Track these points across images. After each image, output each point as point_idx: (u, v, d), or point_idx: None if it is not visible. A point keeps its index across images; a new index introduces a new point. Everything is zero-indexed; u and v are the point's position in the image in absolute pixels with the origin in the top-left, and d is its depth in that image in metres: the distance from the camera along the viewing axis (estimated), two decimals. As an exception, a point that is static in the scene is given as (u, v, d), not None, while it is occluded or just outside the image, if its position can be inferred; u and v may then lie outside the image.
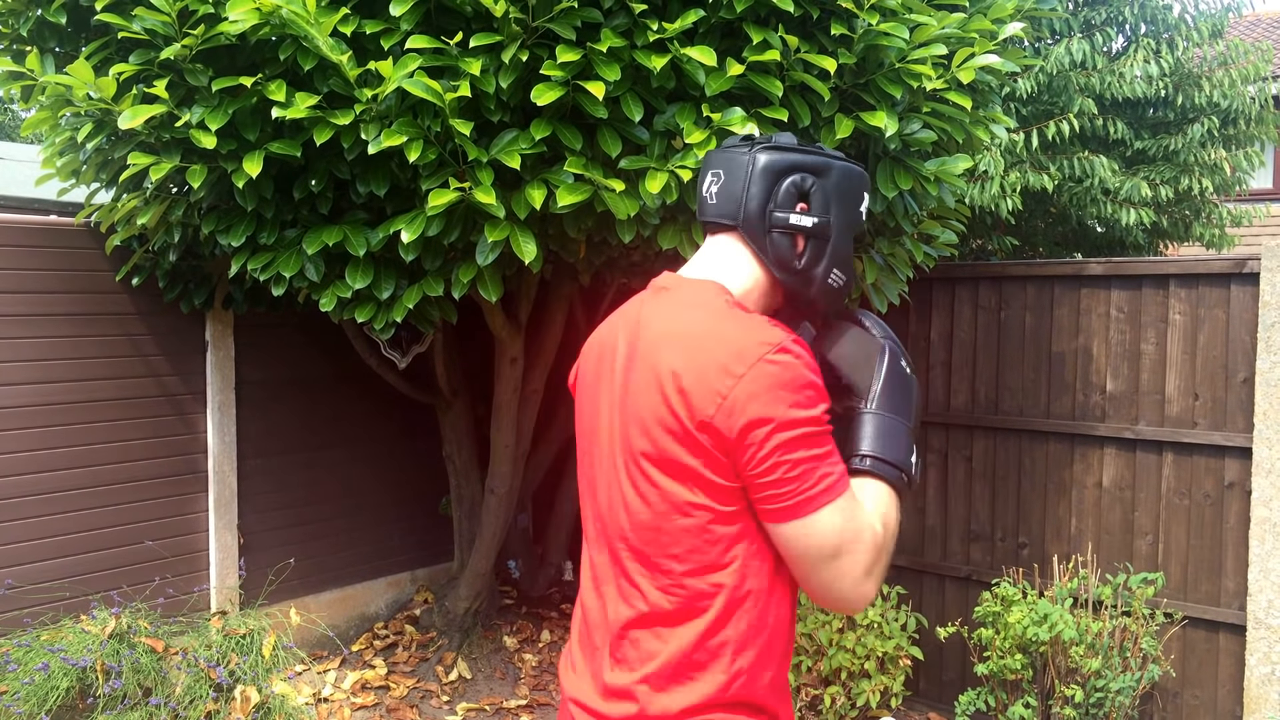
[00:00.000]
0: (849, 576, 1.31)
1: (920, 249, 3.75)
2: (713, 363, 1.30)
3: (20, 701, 3.32)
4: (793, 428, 1.27)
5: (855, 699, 3.81)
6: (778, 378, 1.28)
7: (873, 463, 1.38)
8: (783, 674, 1.43)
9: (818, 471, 1.29)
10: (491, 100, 2.79)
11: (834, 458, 1.32)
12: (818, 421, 1.29)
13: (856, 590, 1.32)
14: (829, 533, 1.29)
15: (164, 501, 4.22)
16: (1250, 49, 6.24)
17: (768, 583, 1.35)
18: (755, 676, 1.36)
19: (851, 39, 2.89)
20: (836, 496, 1.30)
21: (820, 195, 1.45)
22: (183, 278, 4.10)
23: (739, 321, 1.35)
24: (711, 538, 1.32)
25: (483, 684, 4.46)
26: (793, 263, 1.44)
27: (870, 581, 1.33)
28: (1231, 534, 3.70)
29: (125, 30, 2.79)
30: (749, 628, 1.35)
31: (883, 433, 1.40)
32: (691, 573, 1.34)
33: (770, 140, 1.46)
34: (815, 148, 1.48)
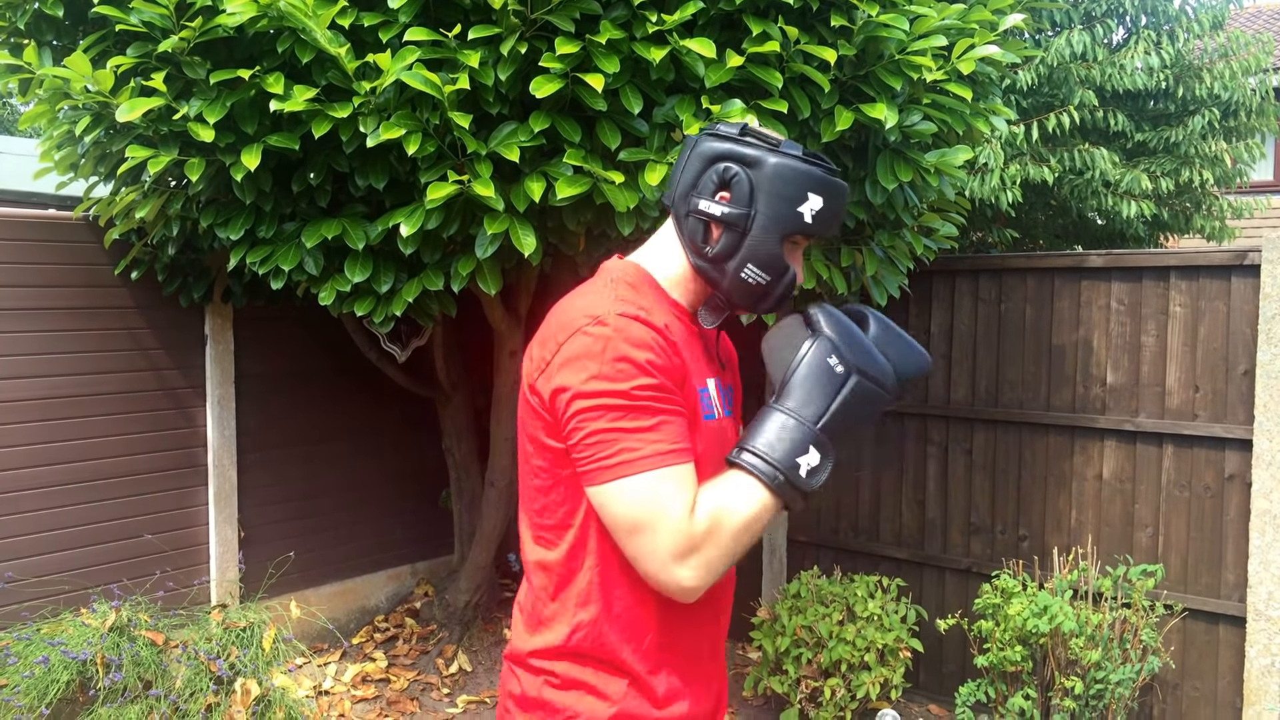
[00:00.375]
0: (652, 556, 1.29)
1: (920, 241, 3.74)
2: (548, 332, 1.38)
3: (20, 695, 3.32)
4: (591, 397, 1.29)
5: (855, 691, 3.81)
6: (587, 348, 1.31)
7: (746, 456, 1.32)
8: (671, 639, 1.42)
9: (618, 444, 1.29)
10: (490, 93, 2.79)
11: (649, 434, 1.29)
12: (626, 395, 1.29)
13: (664, 573, 1.29)
14: (622, 507, 1.29)
15: (164, 495, 4.22)
16: (1251, 41, 6.22)
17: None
18: (601, 632, 1.39)
19: (851, 30, 2.88)
20: (636, 472, 1.28)
21: (744, 187, 1.39)
22: (182, 271, 4.10)
23: (592, 295, 1.39)
24: (558, 497, 1.38)
25: (483, 676, 4.46)
26: (704, 249, 1.42)
27: (685, 569, 1.28)
28: (1232, 526, 3.70)
29: (123, 23, 2.78)
30: (590, 585, 1.39)
31: (769, 429, 1.32)
32: (549, 528, 1.42)
33: (716, 127, 1.45)
34: (770, 141, 1.41)
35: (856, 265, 3.54)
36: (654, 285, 1.46)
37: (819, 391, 1.32)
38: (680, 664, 1.44)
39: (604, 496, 1.30)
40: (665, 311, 1.42)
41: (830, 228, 1.43)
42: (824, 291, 3.69)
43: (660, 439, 1.29)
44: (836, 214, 1.42)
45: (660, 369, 1.32)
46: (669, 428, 1.31)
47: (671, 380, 1.33)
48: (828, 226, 1.41)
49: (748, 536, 1.31)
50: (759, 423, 1.34)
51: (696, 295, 1.48)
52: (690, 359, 1.41)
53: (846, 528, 4.62)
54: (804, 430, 1.31)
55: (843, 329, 1.36)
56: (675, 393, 1.34)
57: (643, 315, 1.34)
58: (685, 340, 1.42)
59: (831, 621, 3.90)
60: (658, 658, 1.42)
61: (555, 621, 1.41)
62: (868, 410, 1.33)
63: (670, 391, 1.33)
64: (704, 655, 1.48)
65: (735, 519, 1.29)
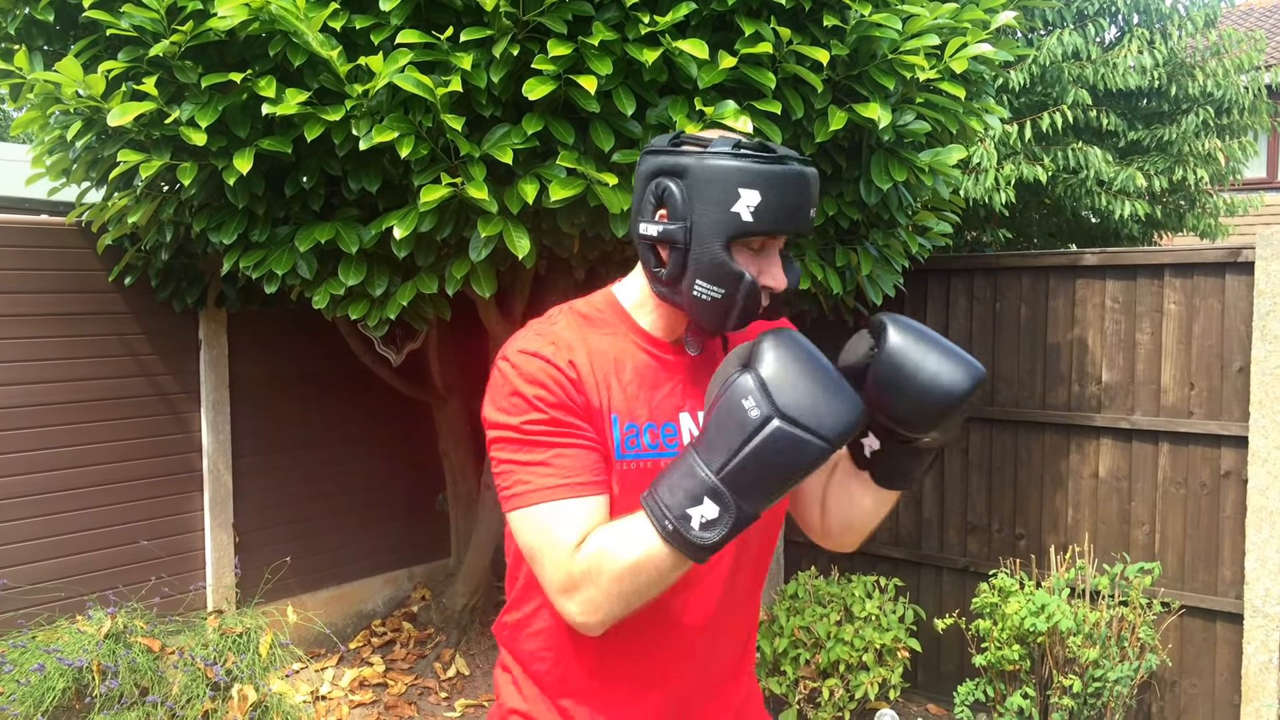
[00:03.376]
0: (545, 586, 1.29)
1: (915, 240, 3.74)
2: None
3: (16, 703, 3.31)
4: (493, 428, 1.33)
5: (854, 691, 3.81)
6: (494, 382, 1.35)
7: (646, 498, 1.22)
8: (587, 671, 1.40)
9: (514, 475, 1.30)
10: (483, 95, 2.78)
11: (540, 468, 1.28)
12: (518, 429, 1.29)
13: (558, 603, 1.27)
14: (521, 536, 1.31)
15: (159, 501, 4.20)
16: (1243, 38, 6.24)
17: None
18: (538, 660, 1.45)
19: (844, 30, 2.88)
20: (526, 505, 1.28)
21: (676, 200, 1.29)
22: (175, 276, 4.09)
23: (525, 329, 1.40)
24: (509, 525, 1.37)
25: (481, 680, 4.45)
26: (657, 274, 1.34)
27: (570, 604, 1.25)
28: (1228, 523, 3.70)
29: (114, 27, 2.77)
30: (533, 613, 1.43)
31: (673, 472, 1.21)
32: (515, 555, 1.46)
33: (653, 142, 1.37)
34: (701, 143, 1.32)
35: (851, 265, 3.54)
36: (621, 315, 1.40)
37: (724, 437, 1.17)
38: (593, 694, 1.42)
39: (510, 524, 1.34)
40: (611, 342, 1.37)
41: (790, 222, 1.29)
42: (819, 292, 3.69)
43: (552, 473, 1.28)
44: (787, 204, 1.28)
45: (551, 404, 1.29)
46: (564, 460, 1.28)
47: (570, 414, 1.30)
48: (781, 221, 1.28)
49: (638, 580, 1.21)
50: (673, 462, 1.23)
51: (670, 320, 1.40)
52: (637, 393, 1.35)
53: (843, 528, 4.61)
54: (700, 479, 1.17)
55: (787, 359, 1.19)
56: (574, 427, 1.30)
57: (544, 352, 1.31)
58: (638, 372, 1.36)
59: (829, 622, 3.89)
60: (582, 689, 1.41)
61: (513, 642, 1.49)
62: (789, 462, 1.14)
63: (565, 426, 1.29)
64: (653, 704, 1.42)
65: (618, 563, 1.21)
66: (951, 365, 1.24)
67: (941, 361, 1.24)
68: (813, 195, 1.31)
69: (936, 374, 1.23)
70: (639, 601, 1.25)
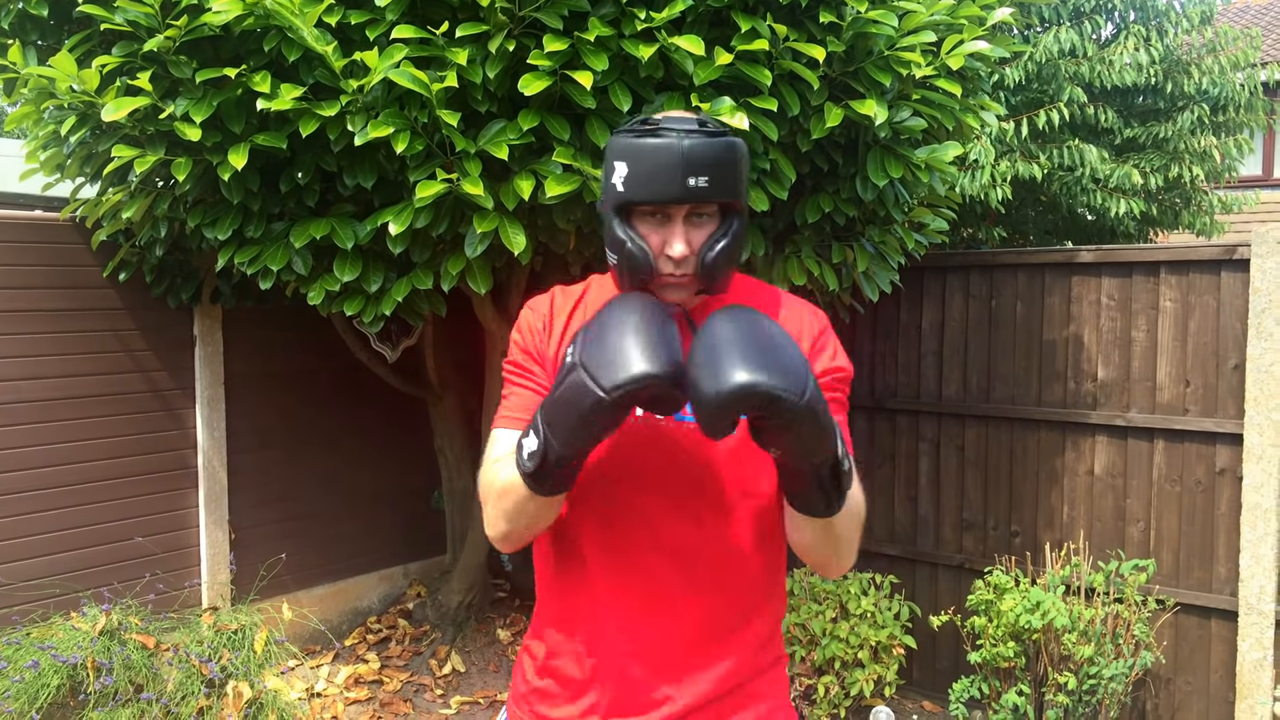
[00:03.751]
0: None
1: (911, 237, 3.74)
2: None
3: (10, 700, 3.30)
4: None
5: (849, 688, 3.81)
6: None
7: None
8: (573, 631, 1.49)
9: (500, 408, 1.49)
10: (479, 90, 2.77)
11: (504, 401, 1.47)
12: (505, 368, 1.50)
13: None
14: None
15: (154, 497, 4.20)
16: (1239, 35, 6.24)
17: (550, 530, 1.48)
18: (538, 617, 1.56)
19: (840, 27, 2.88)
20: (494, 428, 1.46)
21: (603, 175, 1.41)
22: (170, 272, 4.07)
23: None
24: None
25: (476, 677, 4.45)
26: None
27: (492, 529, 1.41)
28: (1223, 520, 3.71)
29: (108, 22, 2.76)
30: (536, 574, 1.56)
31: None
32: None
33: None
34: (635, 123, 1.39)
35: (847, 261, 3.54)
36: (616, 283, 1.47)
37: (557, 379, 1.26)
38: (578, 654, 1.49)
39: None
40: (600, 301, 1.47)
41: (658, 191, 1.32)
42: (815, 288, 3.69)
43: (505, 407, 1.46)
44: (655, 174, 1.32)
45: (521, 348, 1.48)
46: (513, 399, 1.46)
47: (529, 357, 1.47)
48: (649, 190, 1.32)
49: (507, 502, 1.34)
50: None
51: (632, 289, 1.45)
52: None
53: (839, 525, 4.61)
54: (536, 413, 1.28)
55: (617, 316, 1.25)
56: (528, 369, 1.46)
57: (532, 305, 1.51)
58: None
59: (825, 619, 3.89)
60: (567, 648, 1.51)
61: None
62: (574, 404, 1.20)
63: (521, 367, 1.47)
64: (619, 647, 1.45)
65: (496, 483, 1.36)
66: (726, 369, 1.16)
67: (723, 363, 1.17)
68: (690, 164, 1.31)
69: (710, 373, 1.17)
70: (525, 523, 1.36)
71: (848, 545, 1.38)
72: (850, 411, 1.68)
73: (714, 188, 1.33)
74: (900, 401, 4.43)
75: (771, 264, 3.46)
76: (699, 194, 1.32)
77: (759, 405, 1.14)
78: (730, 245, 1.37)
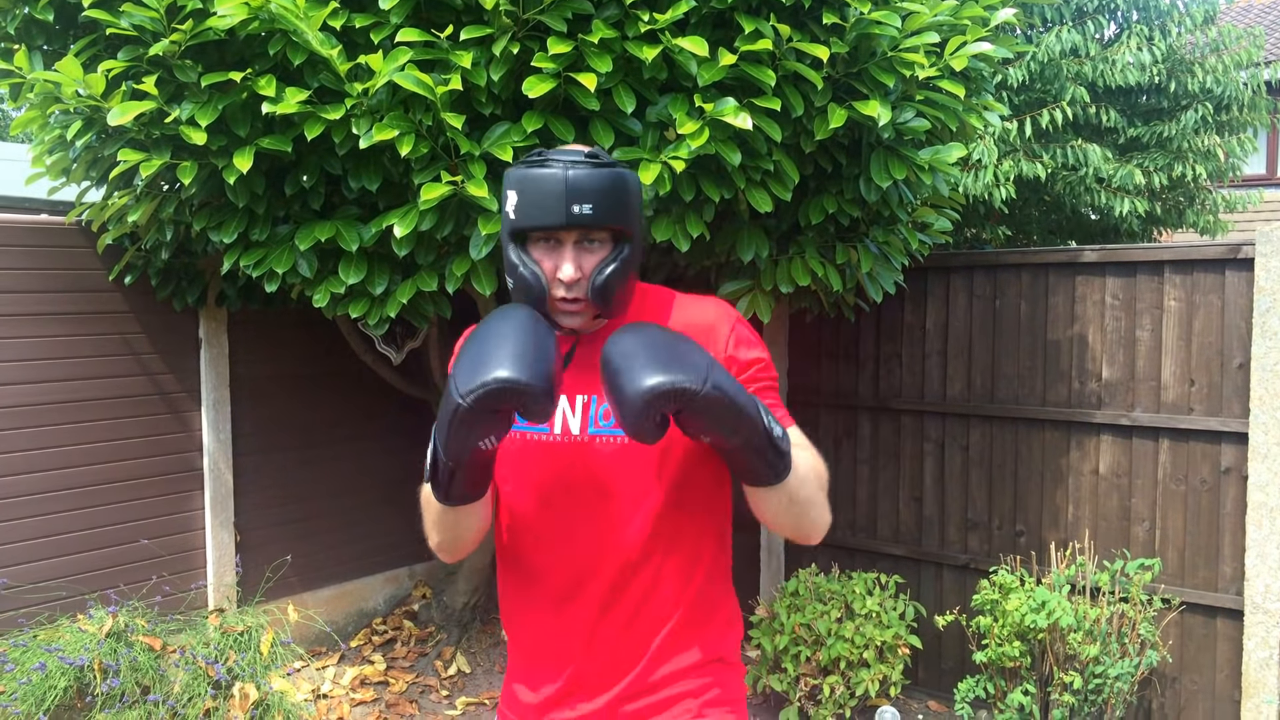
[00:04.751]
0: None
1: (915, 237, 3.74)
2: None
3: (18, 701, 3.31)
4: None
5: (854, 688, 3.81)
6: None
7: None
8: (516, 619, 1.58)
9: None
10: (483, 93, 2.78)
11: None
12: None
13: None
14: None
15: (160, 500, 4.21)
16: (1242, 34, 6.24)
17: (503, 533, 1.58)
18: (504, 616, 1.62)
19: (844, 27, 2.88)
20: None
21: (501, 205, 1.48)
22: (175, 275, 4.08)
23: None
24: None
25: (482, 678, 4.46)
26: None
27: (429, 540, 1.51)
28: (1228, 519, 3.71)
29: (113, 27, 2.77)
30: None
31: None
32: None
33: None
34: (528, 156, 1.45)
35: (851, 262, 3.54)
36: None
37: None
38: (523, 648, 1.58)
39: None
40: None
41: (541, 218, 1.39)
42: (819, 289, 3.69)
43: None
44: (541, 201, 1.39)
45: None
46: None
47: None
48: (536, 216, 1.39)
49: (429, 514, 1.45)
50: None
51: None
52: None
53: (844, 525, 4.62)
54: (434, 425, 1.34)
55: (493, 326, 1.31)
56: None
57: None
58: None
59: (830, 619, 3.90)
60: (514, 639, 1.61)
61: None
62: (445, 412, 1.26)
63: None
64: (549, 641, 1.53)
65: (423, 495, 1.43)
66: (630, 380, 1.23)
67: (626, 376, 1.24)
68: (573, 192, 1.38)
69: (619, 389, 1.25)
70: (449, 533, 1.45)
71: (812, 507, 1.42)
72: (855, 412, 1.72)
73: (598, 214, 1.39)
74: (905, 402, 4.43)
75: (775, 265, 3.46)
76: (582, 220, 1.38)
77: (673, 400, 1.22)
78: (619, 269, 1.43)
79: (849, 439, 4.60)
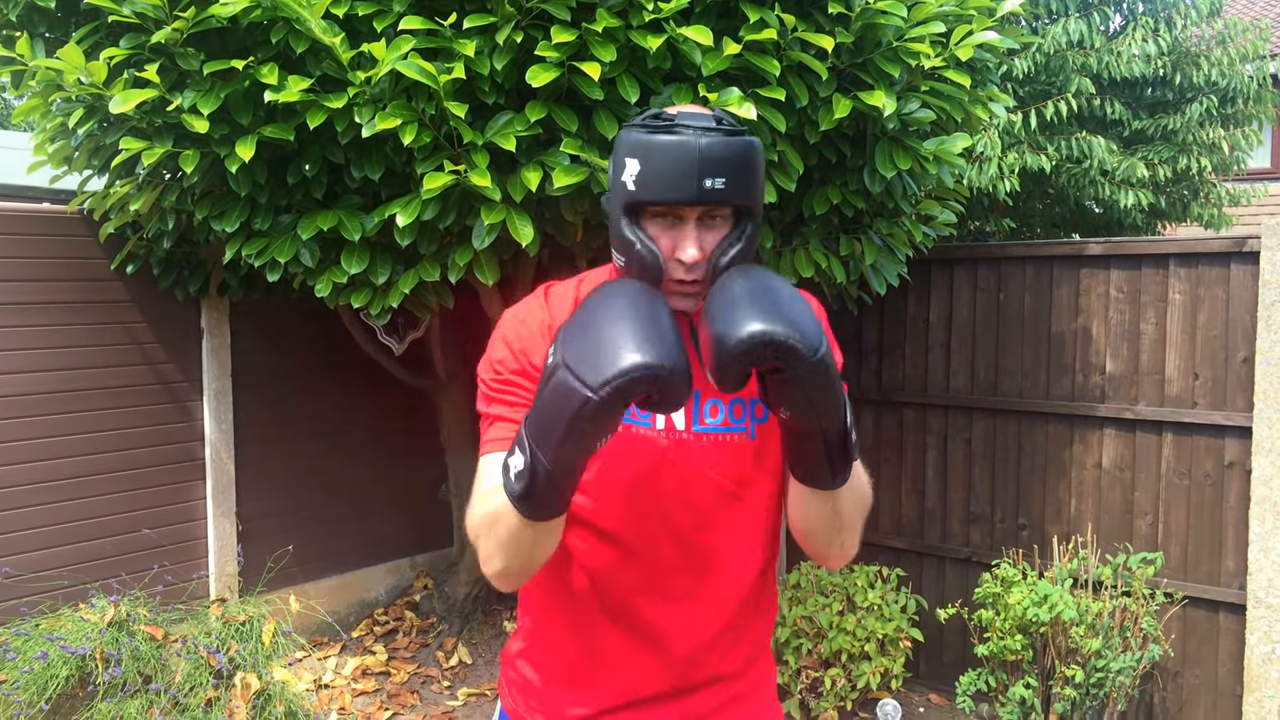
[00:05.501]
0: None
1: (919, 229, 3.73)
2: None
3: (20, 690, 3.31)
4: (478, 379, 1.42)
5: (855, 681, 3.81)
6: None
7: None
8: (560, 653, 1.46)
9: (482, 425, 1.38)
10: (486, 82, 2.77)
11: (489, 422, 1.36)
12: (482, 380, 1.39)
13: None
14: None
15: (161, 489, 4.20)
16: (1249, 27, 6.21)
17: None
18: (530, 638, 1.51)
19: (849, 17, 2.87)
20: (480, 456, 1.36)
21: (609, 173, 1.33)
22: (177, 264, 4.08)
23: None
24: None
25: (483, 669, 4.46)
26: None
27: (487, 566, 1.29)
28: (1231, 513, 3.70)
29: (115, 14, 2.76)
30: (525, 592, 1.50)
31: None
32: None
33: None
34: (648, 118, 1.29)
35: (855, 254, 3.53)
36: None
37: (539, 385, 1.14)
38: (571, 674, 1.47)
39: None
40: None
41: (670, 191, 1.23)
42: (823, 280, 3.68)
43: (494, 431, 1.35)
44: (666, 173, 1.23)
45: (509, 367, 1.35)
46: (502, 425, 1.34)
47: (522, 374, 1.34)
48: (662, 190, 1.23)
49: (499, 531, 1.22)
50: None
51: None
52: None
53: (846, 518, 4.61)
54: (520, 429, 1.16)
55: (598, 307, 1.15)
56: (521, 388, 1.34)
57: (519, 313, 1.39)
58: None
59: (832, 612, 3.89)
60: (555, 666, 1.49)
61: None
62: (561, 409, 1.09)
63: (512, 385, 1.35)
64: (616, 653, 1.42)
65: (485, 514, 1.25)
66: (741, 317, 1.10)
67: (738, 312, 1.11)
68: (706, 164, 1.23)
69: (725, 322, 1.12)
70: (523, 555, 1.24)
71: (850, 529, 1.32)
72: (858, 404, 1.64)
73: (730, 190, 1.24)
74: (908, 394, 4.42)
75: (779, 256, 3.45)
76: (715, 196, 1.23)
77: (775, 354, 1.09)
78: (744, 250, 1.28)
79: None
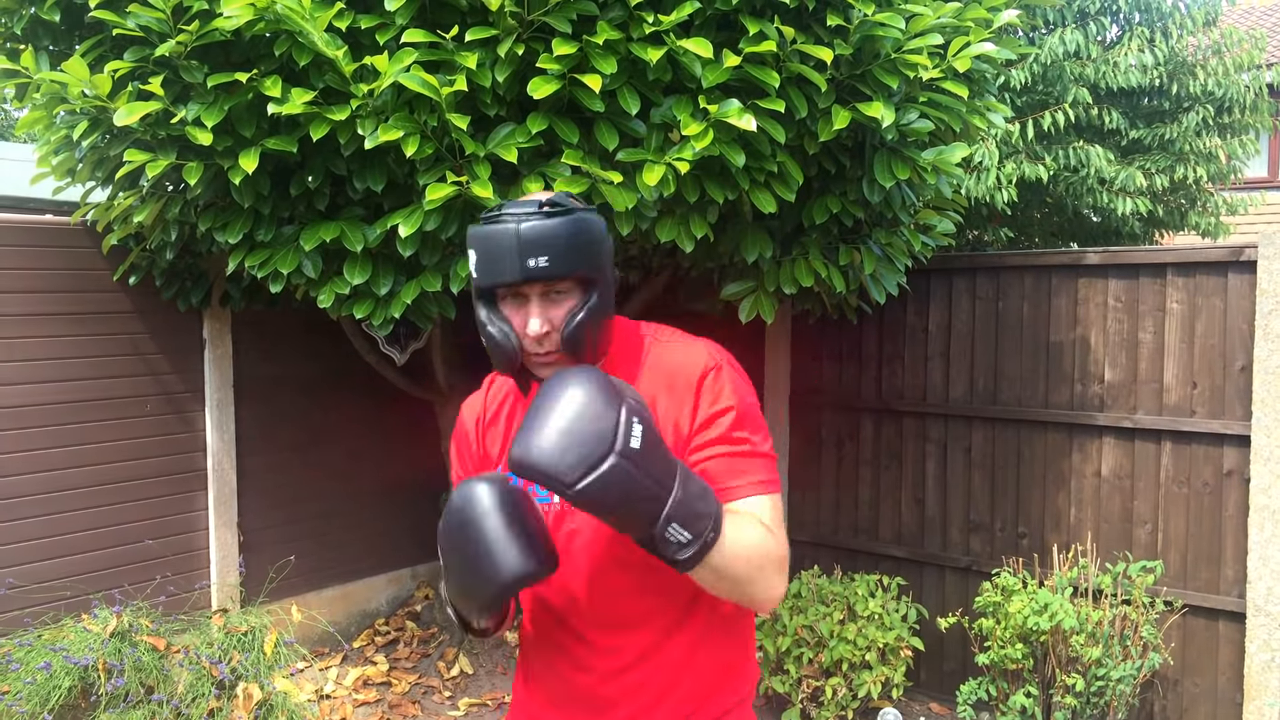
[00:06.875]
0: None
1: (918, 239, 3.75)
2: None
3: (23, 701, 3.31)
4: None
5: (856, 690, 3.81)
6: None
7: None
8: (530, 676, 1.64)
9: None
10: (488, 94, 2.79)
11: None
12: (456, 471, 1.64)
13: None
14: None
15: (164, 500, 4.21)
16: (1244, 37, 6.25)
17: None
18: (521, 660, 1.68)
19: (848, 29, 2.89)
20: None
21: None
22: (180, 276, 4.09)
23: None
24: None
25: (484, 679, 4.46)
26: None
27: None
28: (1230, 522, 3.71)
29: (120, 27, 2.78)
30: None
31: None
32: None
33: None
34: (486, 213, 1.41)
35: (854, 264, 3.55)
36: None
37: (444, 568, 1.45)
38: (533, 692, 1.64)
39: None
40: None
41: (496, 275, 1.36)
42: (822, 291, 3.70)
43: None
44: (494, 257, 1.36)
45: (454, 437, 1.64)
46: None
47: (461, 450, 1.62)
48: (495, 274, 1.36)
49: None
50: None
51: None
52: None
53: (846, 527, 4.62)
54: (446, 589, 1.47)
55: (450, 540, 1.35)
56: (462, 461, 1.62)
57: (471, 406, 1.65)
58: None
59: (832, 621, 3.90)
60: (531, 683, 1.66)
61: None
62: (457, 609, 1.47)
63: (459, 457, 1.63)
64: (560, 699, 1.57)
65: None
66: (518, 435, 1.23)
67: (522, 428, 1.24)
68: (526, 246, 1.34)
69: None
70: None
71: (751, 582, 1.33)
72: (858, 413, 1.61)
73: (555, 265, 1.35)
74: (907, 403, 4.44)
75: (779, 266, 3.47)
76: (539, 274, 1.35)
77: (534, 479, 1.20)
78: (587, 319, 1.38)
79: (851, 440, 4.61)
